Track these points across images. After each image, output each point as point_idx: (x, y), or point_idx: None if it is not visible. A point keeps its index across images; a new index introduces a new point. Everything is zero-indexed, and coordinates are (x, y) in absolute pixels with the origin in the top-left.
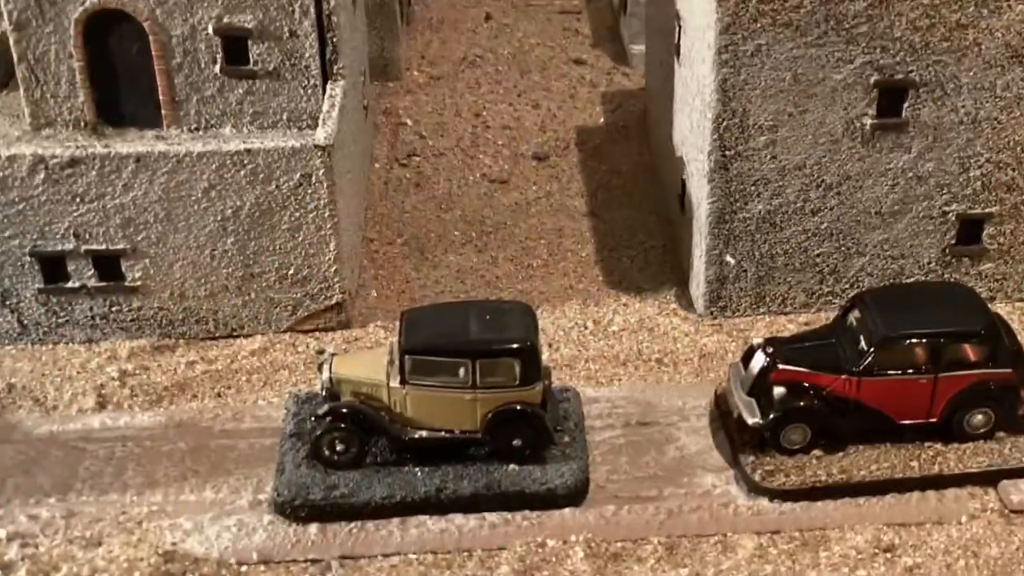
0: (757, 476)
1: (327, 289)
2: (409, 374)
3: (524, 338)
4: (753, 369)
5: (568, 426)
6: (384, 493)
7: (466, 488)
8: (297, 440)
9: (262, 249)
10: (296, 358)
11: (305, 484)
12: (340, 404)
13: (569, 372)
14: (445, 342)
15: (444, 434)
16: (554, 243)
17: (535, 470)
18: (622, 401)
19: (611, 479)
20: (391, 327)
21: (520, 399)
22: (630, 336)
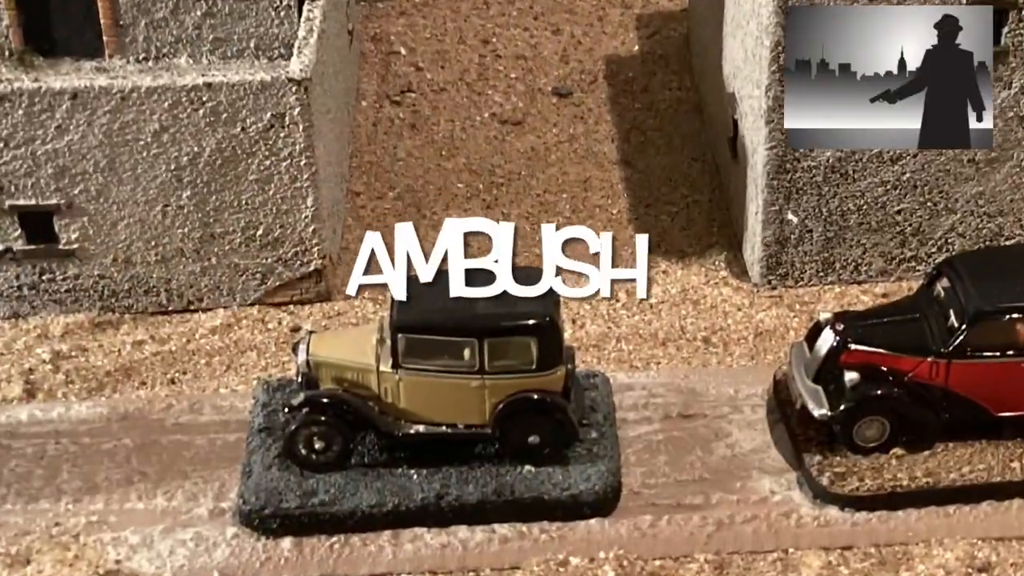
0: (825, 480)
1: (304, 253)
2: (403, 356)
3: (542, 312)
4: (820, 350)
5: (595, 419)
6: (373, 500)
7: (472, 494)
8: (268, 436)
9: (225, 205)
10: (266, 337)
11: (277, 489)
12: (319, 393)
13: (597, 354)
14: (446, 317)
15: (445, 429)
16: (578, 197)
17: (555, 473)
18: (661, 389)
19: (647, 483)
20: (381, 299)
21: (537, 386)
22: (671, 310)
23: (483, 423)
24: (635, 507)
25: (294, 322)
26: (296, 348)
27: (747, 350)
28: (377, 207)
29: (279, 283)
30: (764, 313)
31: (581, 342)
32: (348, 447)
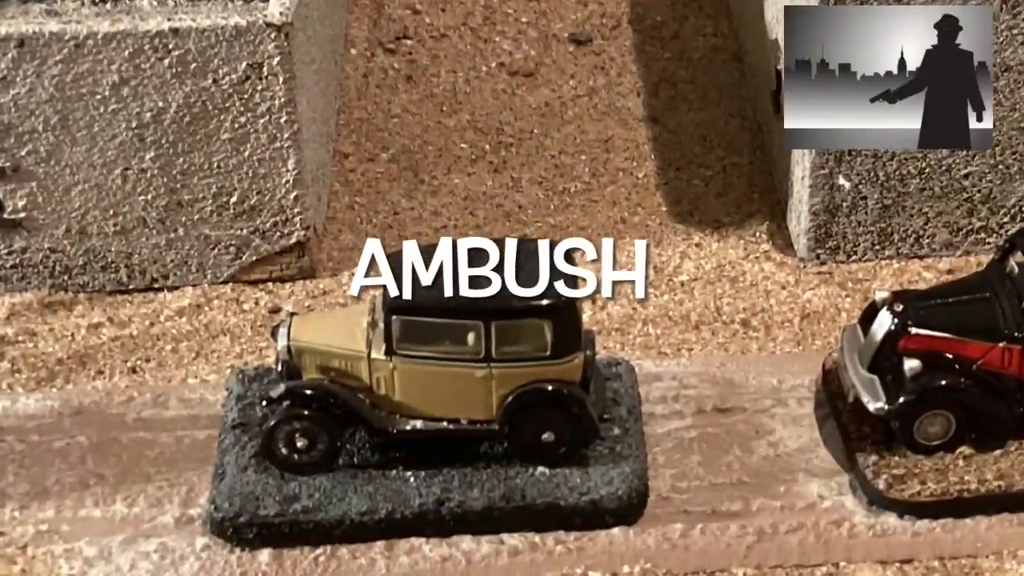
0: (881, 483)
1: (284, 223)
2: (398, 342)
3: (557, 292)
4: (876, 335)
5: (619, 413)
6: (363, 507)
7: (477, 500)
8: (243, 433)
9: (194, 168)
10: (241, 319)
11: (254, 494)
12: (302, 384)
13: (621, 338)
14: (447, 297)
15: (446, 425)
16: (599, 159)
17: (573, 475)
18: (694, 379)
19: (678, 487)
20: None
21: (552, 376)
22: (705, 289)
23: (490, 418)
24: (664, 514)
25: (273, 302)
26: (275, 332)
27: (792, 334)
28: (368, 171)
29: (256, 258)
30: (812, 292)
31: (602, 325)
32: (335, 445)
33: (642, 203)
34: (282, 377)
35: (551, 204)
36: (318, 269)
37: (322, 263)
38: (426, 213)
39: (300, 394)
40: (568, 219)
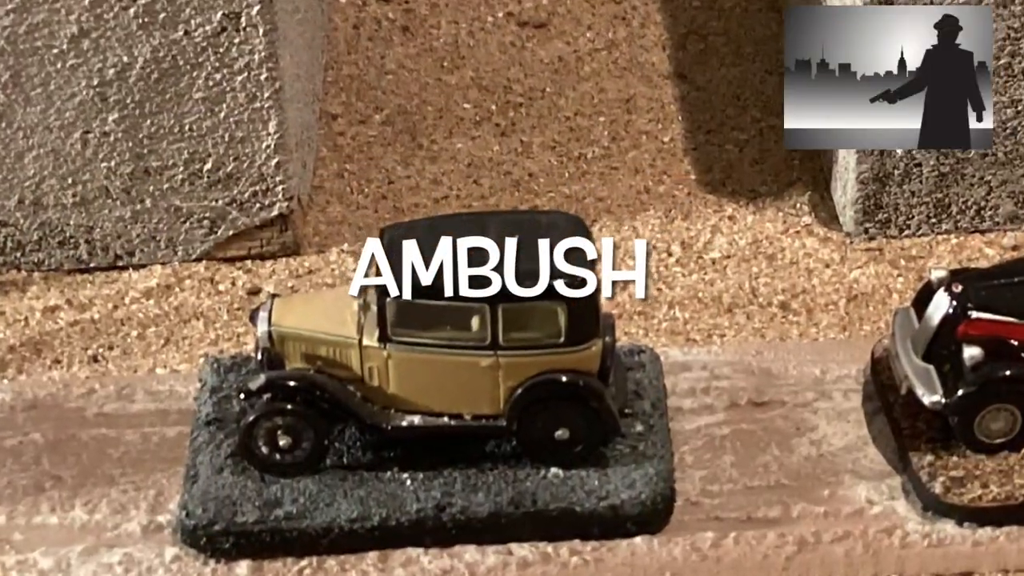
0: (938, 487)
1: (264, 193)
2: (393, 327)
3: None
4: (932, 319)
5: (641, 408)
6: (354, 513)
7: (482, 505)
8: (218, 430)
9: (163, 131)
10: (216, 302)
11: (230, 499)
12: (285, 374)
13: (644, 323)
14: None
15: (448, 421)
16: (619, 121)
17: (590, 477)
18: (726, 368)
19: (708, 491)
20: None
21: (567, 365)
22: (739, 267)
23: (496, 413)
24: (693, 522)
25: (252, 283)
26: (255, 316)
27: (837, 319)
28: (359, 134)
29: (233, 232)
30: (859, 271)
31: (623, 308)
32: (322, 444)
33: (668, 171)
34: (262, 367)
35: (565, 172)
36: (303, 245)
37: (307, 238)
38: (424, 182)
39: (283, 386)
40: (584, 189)
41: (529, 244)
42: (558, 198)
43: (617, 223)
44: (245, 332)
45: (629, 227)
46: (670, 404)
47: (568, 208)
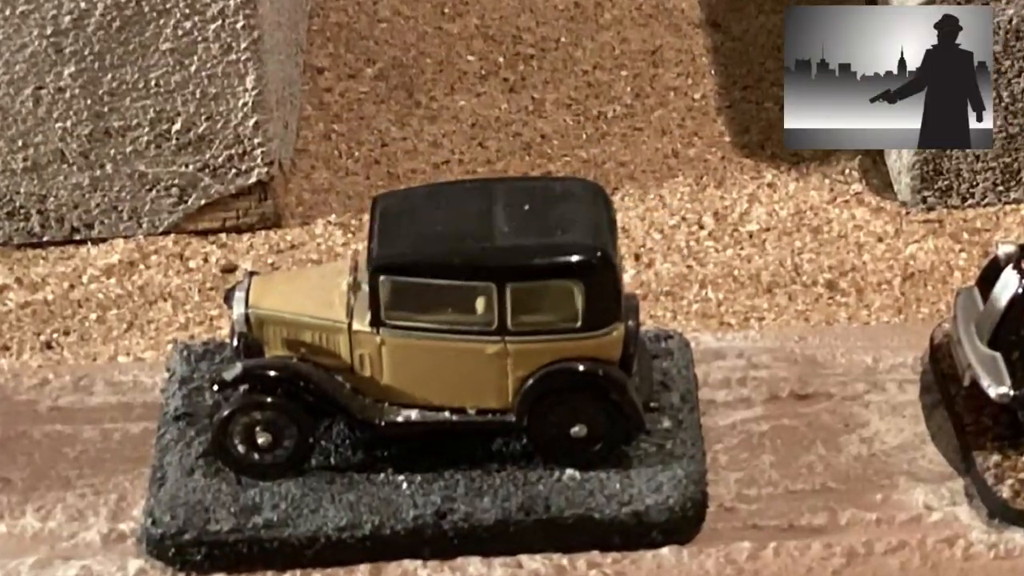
0: (1006, 491)
1: (241, 158)
2: (387, 309)
3: (591, 245)
4: (999, 300)
5: (669, 401)
6: (342, 520)
7: (488, 511)
8: (188, 426)
9: (126, 87)
10: (186, 281)
11: (203, 504)
12: (264, 363)
13: (672, 305)
14: (450, 251)
15: (449, 416)
16: (644, 76)
17: (611, 480)
18: (765, 356)
19: (745, 495)
20: (356, 225)
21: (584, 352)
22: (780, 241)
23: (504, 407)
24: (727, 530)
25: (227, 259)
26: (230, 297)
27: (891, 300)
28: (349, 90)
29: (205, 201)
30: (916, 245)
31: (649, 288)
32: (307, 442)
33: (699, 132)
34: (238, 354)
35: (582, 133)
36: (285, 216)
37: (290, 208)
38: (423, 144)
39: (261, 376)
40: (604, 152)
41: (542, 215)
42: (574, 163)
43: (641, 191)
44: (219, 315)
45: (655, 196)
46: (702, 397)
47: (586, 174)
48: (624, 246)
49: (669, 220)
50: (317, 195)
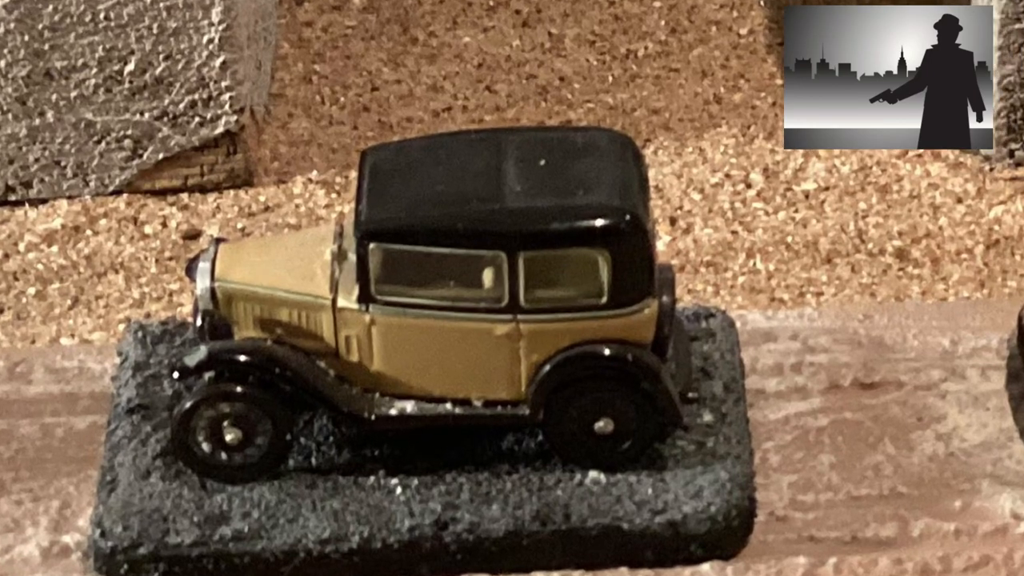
0: None
1: (206, 104)
2: (378, 283)
3: (618, 206)
4: None
5: (711, 391)
6: (325, 531)
7: (497, 521)
8: (144, 421)
9: (70, 20)
10: (141, 249)
11: (160, 513)
12: (234, 346)
13: (715, 277)
14: (453, 214)
15: (450, 408)
16: (681, 7)
17: (641, 484)
18: (824, 338)
19: (800, 502)
20: (341, 184)
21: (611, 333)
22: (841, 202)
23: (516, 398)
24: (779, 543)
25: (190, 223)
26: (194, 268)
27: (972, 272)
28: (333, 24)
29: (164, 155)
30: (1002, 207)
31: (686, 258)
32: (283, 440)
33: (746, 73)
34: (203, 336)
35: (608, 75)
36: (258, 173)
37: (263, 164)
38: (420, 88)
39: (230, 361)
40: (634, 98)
41: (560, 171)
42: (599, 110)
43: (678, 143)
44: (181, 289)
45: (694, 149)
46: (749, 386)
47: (612, 123)
48: (657, 208)
49: (711, 177)
50: (296, 148)
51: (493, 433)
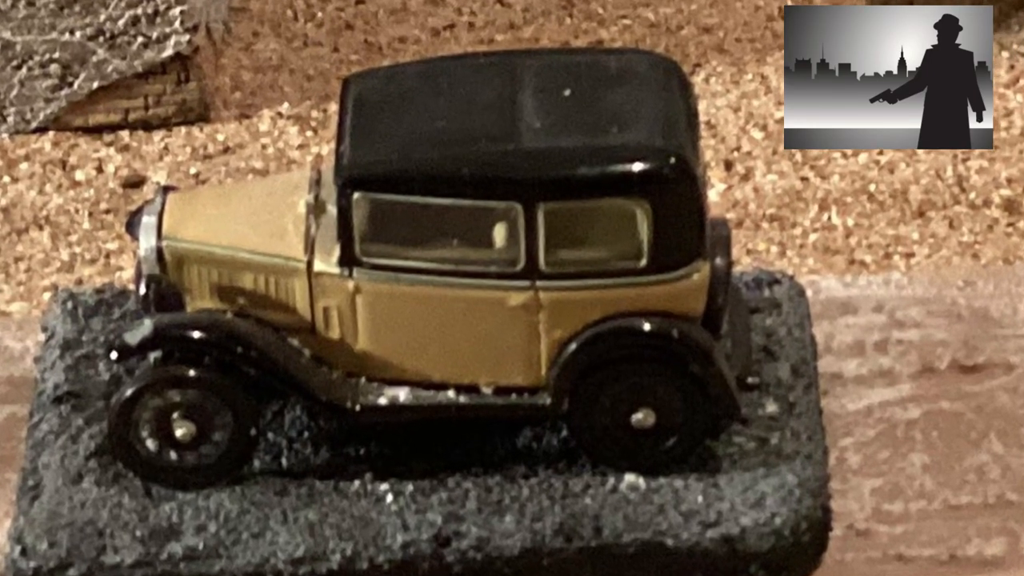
0: None
1: (151, 20)
2: (364, 242)
3: (661, 147)
4: None
5: (776, 374)
6: (299, 548)
7: (511, 535)
8: (74, 412)
9: None
10: (70, 200)
11: (94, 526)
12: (186, 319)
13: (780, 235)
14: (455, 157)
15: (453, 397)
16: None
17: (689, 490)
18: (915, 310)
19: (886, 512)
20: (318, 119)
21: (651, 304)
22: None
23: (535, 383)
24: (860, 563)
25: (131, 168)
26: (136, 224)
27: None
28: None
29: (99, 84)
30: None
31: (745, 211)
32: (246, 435)
33: None
34: (148, 308)
35: None
36: (215, 105)
37: (222, 94)
38: (415, 1)
39: (181, 338)
40: (681, 13)
41: (589, 104)
42: (636, 27)
43: (734, 69)
44: (120, 250)
45: (753, 75)
46: (823, 369)
47: (654, 44)
48: (710, 149)
49: (775, 111)
50: (262, 75)
51: (506, 428)
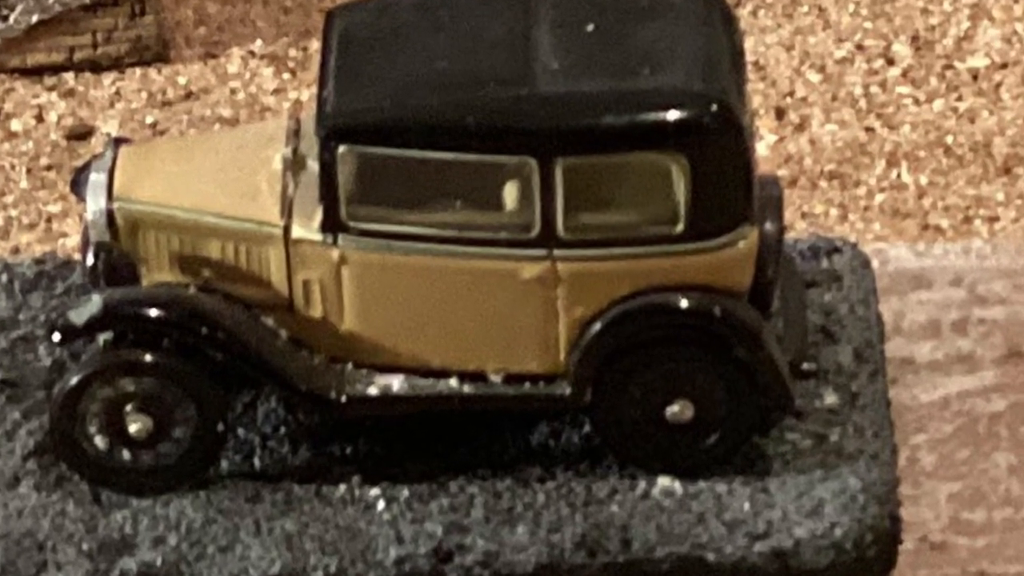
0: None
1: None
2: (351, 204)
3: (700, 92)
4: None
5: (836, 361)
6: (274, 564)
7: (524, 548)
8: (9, 404)
9: None
10: (5, 153)
11: (32, 537)
12: (141, 295)
13: (842, 196)
14: (458, 103)
15: (456, 386)
16: None
17: (735, 496)
18: (1000, 284)
19: (966, 522)
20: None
21: (688, 277)
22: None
23: (552, 370)
24: None
25: (77, 117)
26: (82, 183)
27: None
28: None
29: (39, 17)
30: None
31: (800, 167)
32: (212, 431)
33: None
34: (97, 281)
35: None
36: (175, 43)
37: (184, 29)
38: None
39: (136, 317)
40: None
41: (616, 41)
42: None
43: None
44: (64, 213)
45: (810, 8)
46: (893, 354)
47: None
48: (758, 95)
49: (835, 50)
50: (231, 7)
51: (518, 422)
